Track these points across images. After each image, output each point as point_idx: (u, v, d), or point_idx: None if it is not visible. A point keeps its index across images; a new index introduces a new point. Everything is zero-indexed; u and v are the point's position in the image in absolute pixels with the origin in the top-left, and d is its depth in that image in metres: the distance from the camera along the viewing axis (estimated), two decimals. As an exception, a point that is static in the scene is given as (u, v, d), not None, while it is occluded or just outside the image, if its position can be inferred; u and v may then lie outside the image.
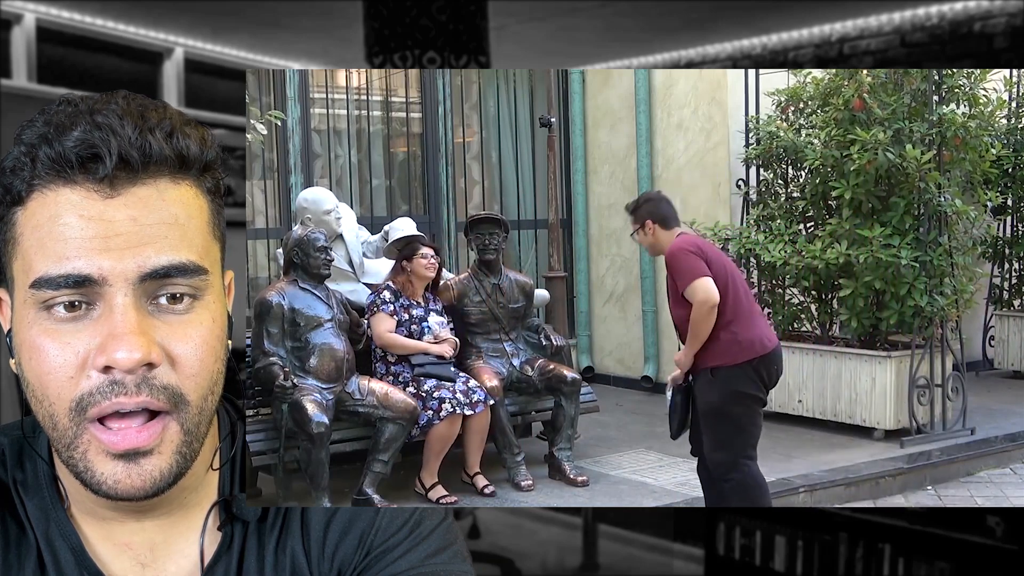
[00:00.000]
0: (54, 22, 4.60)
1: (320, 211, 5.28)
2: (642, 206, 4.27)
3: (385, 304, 5.07)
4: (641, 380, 7.72)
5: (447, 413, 4.84)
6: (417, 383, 4.97)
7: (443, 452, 4.95)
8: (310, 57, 6.01)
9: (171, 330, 1.19)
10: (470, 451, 5.08)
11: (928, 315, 5.81)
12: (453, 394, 4.89)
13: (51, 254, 1.16)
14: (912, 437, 5.84)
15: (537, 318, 5.87)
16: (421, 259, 5.12)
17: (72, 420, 1.16)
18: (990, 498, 5.25)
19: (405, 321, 5.08)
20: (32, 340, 1.18)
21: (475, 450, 5.09)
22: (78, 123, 1.16)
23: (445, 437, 4.91)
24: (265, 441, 4.78)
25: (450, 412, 4.85)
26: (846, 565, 3.73)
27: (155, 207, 1.18)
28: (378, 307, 5.08)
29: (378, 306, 5.08)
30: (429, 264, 5.14)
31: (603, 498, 4.97)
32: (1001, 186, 7.60)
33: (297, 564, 1.33)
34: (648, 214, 4.21)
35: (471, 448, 5.07)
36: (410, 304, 5.14)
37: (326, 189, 5.86)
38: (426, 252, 5.14)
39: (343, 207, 5.58)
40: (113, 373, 1.15)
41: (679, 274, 4.01)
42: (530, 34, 5.26)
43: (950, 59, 4.71)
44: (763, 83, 6.61)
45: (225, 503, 1.31)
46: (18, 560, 1.27)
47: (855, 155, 5.69)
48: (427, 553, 1.33)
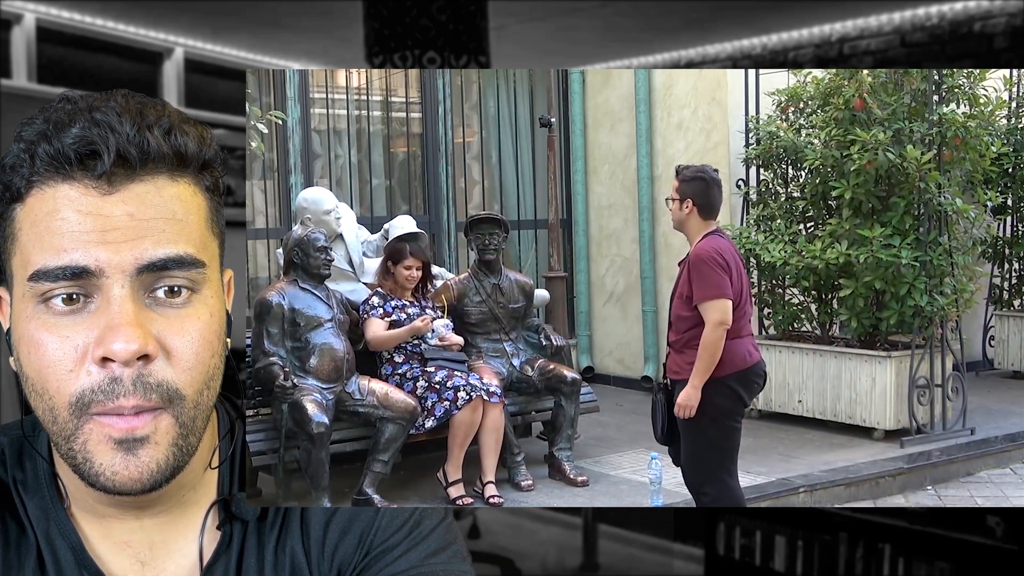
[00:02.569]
0: (54, 22, 4.60)
1: (320, 211, 5.28)
2: (692, 182, 3.94)
3: (375, 309, 5.10)
4: (641, 380, 7.72)
5: (465, 400, 4.84)
6: (428, 377, 4.95)
7: (467, 441, 4.91)
8: (310, 57, 6.01)
9: (168, 323, 1.19)
10: (486, 453, 5.00)
11: (928, 315, 5.81)
12: (466, 380, 4.91)
13: (48, 247, 1.16)
14: (912, 437, 5.84)
15: (537, 318, 5.87)
16: (404, 270, 5.13)
17: (72, 414, 1.17)
18: (990, 498, 5.25)
19: (404, 320, 5.08)
20: (31, 334, 1.18)
21: (491, 452, 5.00)
22: (77, 120, 1.17)
23: (469, 423, 4.88)
24: (265, 441, 4.78)
25: (467, 399, 4.84)
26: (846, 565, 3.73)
27: (153, 202, 1.19)
28: (368, 313, 5.10)
29: (368, 312, 5.11)
30: (410, 277, 5.15)
31: (603, 498, 4.97)
32: (1001, 186, 7.60)
33: (297, 563, 1.33)
34: (693, 193, 3.91)
35: (487, 450, 4.99)
36: (403, 304, 5.14)
37: (326, 189, 5.85)
38: (410, 264, 5.13)
39: (343, 207, 5.58)
40: (111, 368, 1.15)
41: (701, 284, 3.78)
42: (530, 34, 5.26)
43: (950, 59, 4.71)
44: (763, 83, 6.61)
45: (224, 502, 1.31)
46: (18, 559, 1.27)
47: (855, 155, 5.69)
48: (427, 553, 1.33)
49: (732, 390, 3.82)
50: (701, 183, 3.92)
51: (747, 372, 3.86)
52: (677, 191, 3.96)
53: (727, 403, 3.83)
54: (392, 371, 5.10)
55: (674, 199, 3.97)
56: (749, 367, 3.86)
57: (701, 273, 3.78)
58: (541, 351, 5.58)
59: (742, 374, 3.83)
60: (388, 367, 5.12)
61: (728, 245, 3.94)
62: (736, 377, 3.82)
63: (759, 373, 3.93)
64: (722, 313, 3.74)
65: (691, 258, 3.87)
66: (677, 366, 3.92)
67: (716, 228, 3.97)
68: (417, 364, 5.07)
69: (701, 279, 3.78)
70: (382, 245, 5.54)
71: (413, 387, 4.97)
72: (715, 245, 3.84)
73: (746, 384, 3.87)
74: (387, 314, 5.09)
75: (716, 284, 3.75)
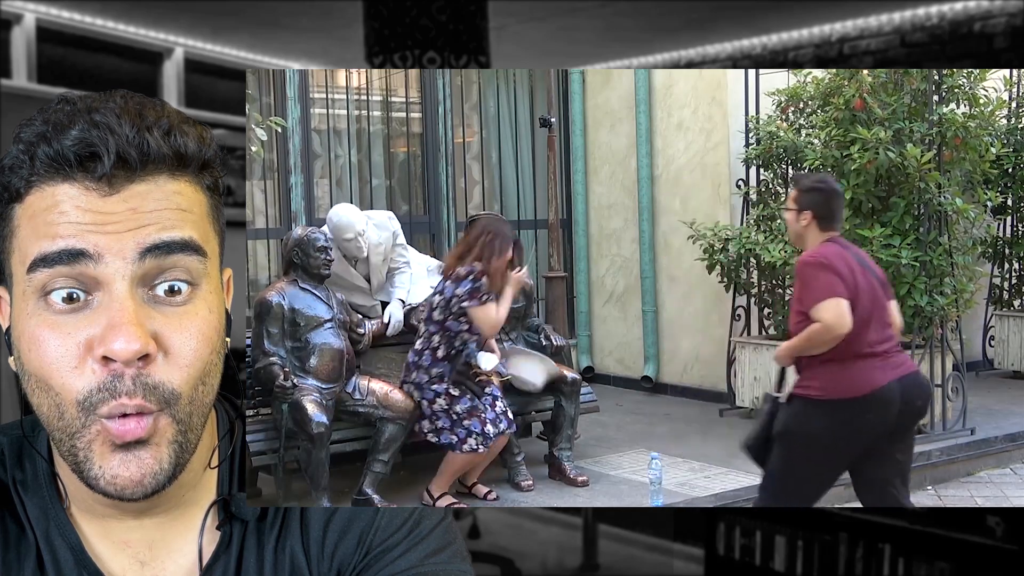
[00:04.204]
0: (54, 22, 4.60)
1: (341, 238, 5.14)
2: (811, 192, 3.66)
3: (487, 294, 4.76)
4: (641, 380, 7.72)
5: (472, 449, 4.74)
6: (450, 400, 4.77)
7: (461, 472, 4.92)
8: (310, 57, 6.01)
9: (167, 320, 1.19)
10: (475, 469, 5.01)
11: (928, 315, 5.80)
12: (482, 426, 4.74)
13: (45, 236, 1.16)
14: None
15: (537, 318, 5.87)
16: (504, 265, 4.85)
17: (81, 412, 1.17)
18: (990, 498, 5.25)
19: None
20: (31, 331, 1.18)
21: (479, 468, 5.02)
22: (76, 122, 1.17)
23: (469, 463, 4.85)
24: (265, 441, 4.78)
25: (474, 449, 4.74)
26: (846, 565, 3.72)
27: (155, 197, 1.19)
28: (482, 299, 4.73)
29: (482, 298, 4.73)
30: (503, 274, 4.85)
31: (603, 498, 4.97)
32: (1001, 186, 7.60)
33: (296, 563, 1.33)
34: (812, 204, 3.62)
35: (476, 467, 5.01)
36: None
37: (353, 209, 5.36)
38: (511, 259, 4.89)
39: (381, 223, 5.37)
40: (112, 367, 1.15)
41: (807, 290, 3.46)
42: (530, 34, 5.26)
43: (950, 59, 4.71)
44: (763, 83, 6.61)
45: (224, 502, 1.31)
46: (17, 560, 1.27)
47: (855, 155, 5.69)
48: (426, 553, 1.33)
49: (832, 417, 3.43)
50: (820, 195, 3.65)
51: (855, 403, 3.42)
52: (795, 201, 3.68)
53: (817, 428, 3.46)
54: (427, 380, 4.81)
55: (791, 209, 3.70)
56: (859, 396, 3.41)
57: (804, 280, 3.49)
58: (541, 351, 5.58)
59: (846, 404, 3.42)
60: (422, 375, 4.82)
61: (837, 251, 3.57)
62: (839, 405, 3.42)
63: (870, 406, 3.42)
64: (835, 315, 3.35)
65: (797, 266, 3.59)
66: (799, 383, 3.57)
67: (833, 237, 3.65)
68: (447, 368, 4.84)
69: (805, 286, 3.48)
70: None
71: (432, 398, 4.81)
72: (820, 251, 3.54)
73: (851, 415, 3.43)
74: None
75: (823, 285, 3.40)
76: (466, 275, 4.73)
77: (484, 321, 4.77)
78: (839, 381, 3.43)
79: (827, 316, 3.36)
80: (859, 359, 3.44)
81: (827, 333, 3.36)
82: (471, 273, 4.73)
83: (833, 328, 3.35)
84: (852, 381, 3.43)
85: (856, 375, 3.43)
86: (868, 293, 3.51)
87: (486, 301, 4.75)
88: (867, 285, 3.52)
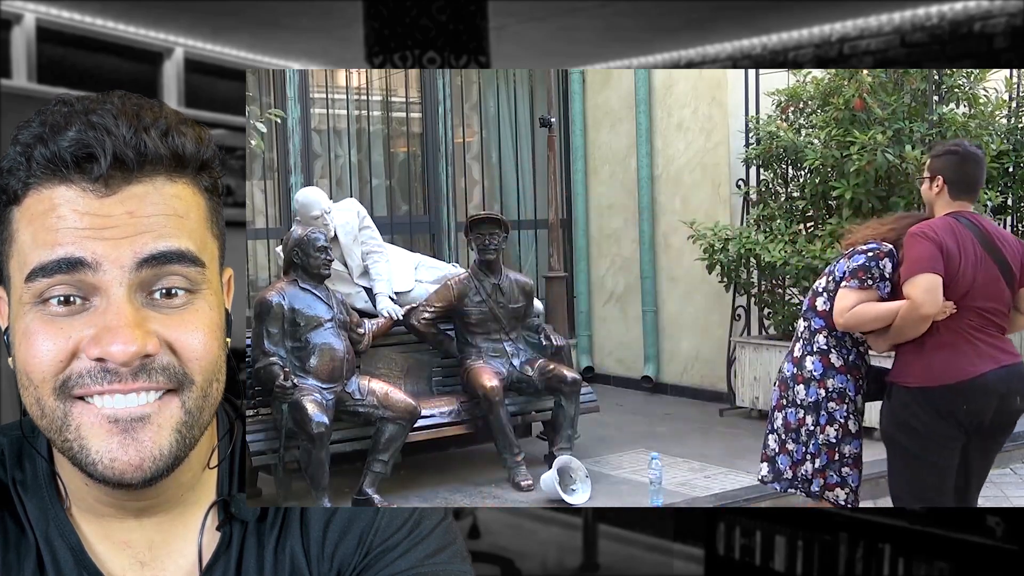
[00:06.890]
0: (54, 22, 4.60)
1: (308, 215, 5.25)
2: (943, 156, 3.32)
3: (883, 282, 3.36)
4: (641, 380, 7.72)
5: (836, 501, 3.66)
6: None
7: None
8: (310, 57, 6.01)
9: (168, 319, 1.19)
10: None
11: (928, 315, 5.80)
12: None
13: (43, 243, 1.16)
14: (912, 437, 5.81)
15: (537, 318, 5.87)
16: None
17: (57, 399, 1.16)
18: (990, 498, 5.24)
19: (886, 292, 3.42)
20: (26, 327, 1.17)
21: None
22: (73, 123, 1.16)
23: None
24: (265, 441, 4.78)
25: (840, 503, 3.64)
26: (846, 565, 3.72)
27: (152, 201, 1.18)
28: (873, 279, 3.34)
29: (875, 278, 3.34)
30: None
31: (603, 498, 4.96)
32: (1001, 185, 7.59)
33: (296, 564, 1.33)
34: (942, 169, 3.28)
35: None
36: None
37: (318, 191, 5.58)
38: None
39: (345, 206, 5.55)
40: (107, 363, 1.15)
41: (906, 262, 3.17)
42: (530, 34, 5.26)
43: (950, 59, 4.71)
44: (763, 83, 6.61)
45: (224, 503, 1.31)
46: (17, 560, 1.27)
47: (855, 155, 5.69)
48: (427, 553, 1.33)
49: (934, 403, 3.19)
50: (953, 158, 3.29)
51: (953, 388, 3.17)
52: (928, 168, 3.36)
53: (924, 417, 3.22)
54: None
55: (924, 178, 3.38)
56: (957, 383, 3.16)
57: (905, 250, 3.19)
58: (541, 351, 5.58)
59: (947, 389, 3.17)
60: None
61: (949, 224, 3.20)
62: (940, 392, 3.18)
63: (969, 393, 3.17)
64: (923, 291, 3.05)
65: (903, 239, 3.26)
66: (897, 369, 3.33)
67: (960, 211, 3.27)
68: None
69: (905, 258, 3.18)
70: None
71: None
72: (932, 222, 3.22)
73: (953, 400, 3.18)
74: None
75: (918, 258, 3.10)
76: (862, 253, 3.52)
77: (844, 302, 3.40)
78: (930, 368, 3.18)
79: (915, 292, 3.09)
80: (952, 345, 3.18)
81: (914, 311, 3.10)
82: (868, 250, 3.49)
83: (919, 306, 3.09)
84: (944, 369, 3.17)
85: (948, 362, 3.17)
86: (981, 275, 3.18)
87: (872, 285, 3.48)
88: (982, 266, 3.18)
